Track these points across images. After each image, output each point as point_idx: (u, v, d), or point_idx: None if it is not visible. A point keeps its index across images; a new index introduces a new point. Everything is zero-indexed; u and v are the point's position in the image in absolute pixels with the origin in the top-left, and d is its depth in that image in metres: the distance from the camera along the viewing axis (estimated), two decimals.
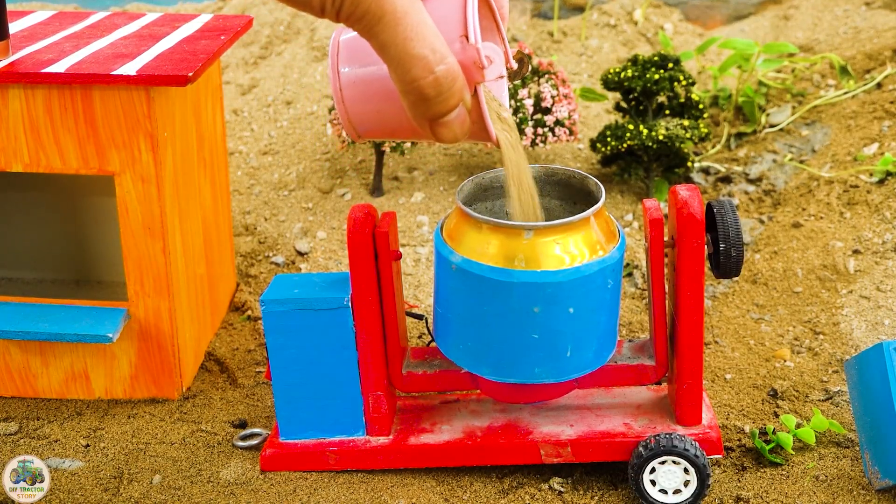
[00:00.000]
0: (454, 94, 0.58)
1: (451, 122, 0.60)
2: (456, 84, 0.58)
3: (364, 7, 0.53)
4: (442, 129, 0.60)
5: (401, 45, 0.55)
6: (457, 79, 0.58)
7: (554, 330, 0.79)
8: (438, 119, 0.59)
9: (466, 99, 0.60)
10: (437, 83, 0.57)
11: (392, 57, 0.56)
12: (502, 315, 0.79)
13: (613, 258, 0.80)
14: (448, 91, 0.58)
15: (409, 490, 0.88)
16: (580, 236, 0.78)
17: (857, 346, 1.05)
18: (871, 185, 1.28)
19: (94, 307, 0.99)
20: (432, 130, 0.60)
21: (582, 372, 0.83)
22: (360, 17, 0.54)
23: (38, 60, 0.92)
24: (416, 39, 0.55)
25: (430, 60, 0.56)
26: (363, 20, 0.54)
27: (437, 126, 0.60)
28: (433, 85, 0.57)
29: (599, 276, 0.79)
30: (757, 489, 0.87)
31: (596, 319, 0.81)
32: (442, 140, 0.61)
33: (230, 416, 1.00)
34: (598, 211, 0.80)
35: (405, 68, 0.56)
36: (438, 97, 0.58)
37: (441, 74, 0.57)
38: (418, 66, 0.56)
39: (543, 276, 0.77)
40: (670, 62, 1.39)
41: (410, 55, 0.55)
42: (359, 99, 0.66)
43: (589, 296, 0.79)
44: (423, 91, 0.57)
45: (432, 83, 0.57)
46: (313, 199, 1.42)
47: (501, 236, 0.78)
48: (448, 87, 0.57)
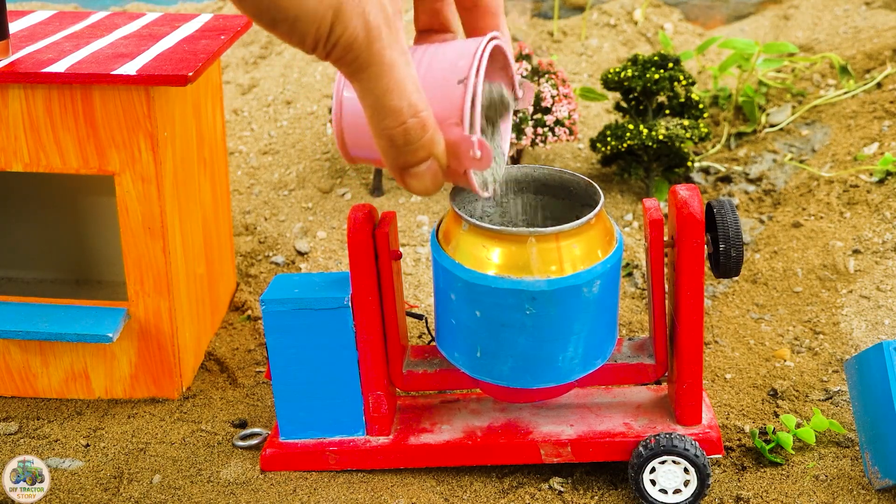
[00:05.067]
0: (423, 146, 0.60)
1: (421, 174, 0.61)
2: (425, 136, 0.60)
3: (354, 54, 0.55)
4: (412, 179, 0.62)
5: (380, 95, 0.57)
6: (427, 131, 0.59)
7: (553, 335, 0.79)
8: (408, 169, 0.61)
9: (438, 153, 0.61)
10: (406, 133, 0.59)
11: (369, 104, 0.58)
12: (497, 320, 0.79)
13: (610, 262, 0.80)
14: (417, 142, 0.59)
15: (409, 490, 0.88)
16: (578, 241, 0.78)
17: (857, 346, 1.05)
18: (871, 184, 1.28)
19: (94, 307, 0.99)
20: (402, 180, 0.62)
21: (584, 372, 0.82)
22: (350, 62, 0.56)
23: (38, 60, 0.92)
24: (395, 92, 0.57)
25: (403, 112, 0.58)
26: (351, 66, 0.56)
27: (407, 176, 0.62)
28: (402, 134, 0.59)
29: (596, 281, 0.79)
30: (757, 489, 0.87)
31: (596, 321, 0.81)
32: (411, 190, 0.63)
33: (230, 415, 1.00)
34: (596, 215, 0.79)
35: (379, 117, 0.58)
36: (406, 147, 0.59)
37: (411, 125, 0.59)
38: (391, 117, 0.58)
39: (537, 284, 0.77)
40: (670, 62, 1.39)
41: (386, 106, 0.58)
42: (355, 123, 0.68)
43: (585, 300, 0.79)
44: (393, 139, 0.59)
45: (402, 133, 0.59)
46: (313, 198, 1.42)
47: (498, 242, 0.78)
48: (417, 139, 0.59)
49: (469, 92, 0.64)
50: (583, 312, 0.79)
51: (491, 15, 0.70)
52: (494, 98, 0.73)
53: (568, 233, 0.77)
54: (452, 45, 0.67)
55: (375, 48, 0.55)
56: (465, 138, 0.63)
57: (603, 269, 0.78)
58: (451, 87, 0.64)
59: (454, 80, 0.64)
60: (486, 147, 0.63)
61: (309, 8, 0.52)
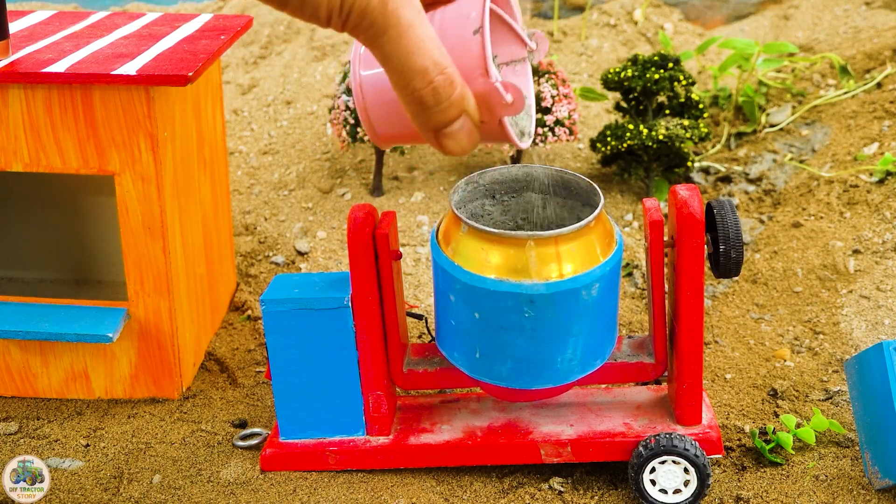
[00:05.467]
0: (453, 103, 0.59)
1: (455, 134, 0.60)
2: (455, 93, 0.58)
3: (370, 19, 0.54)
4: (447, 140, 0.60)
5: (403, 57, 0.56)
6: (455, 87, 0.58)
7: (551, 337, 0.79)
8: (442, 129, 0.60)
9: (470, 108, 0.60)
10: (436, 92, 0.57)
11: (394, 68, 0.56)
12: (495, 322, 0.79)
13: (610, 264, 0.79)
14: (447, 100, 0.58)
15: (409, 490, 0.88)
16: (577, 244, 0.78)
17: (857, 346, 1.05)
18: (871, 184, 1.28)
19: (94, 307, 0.99)
20: (438, 142, 0.60)
21: (583, 373, 0.82)
22: (366, 28, 0.54)
23: (38, 60, 0.92)
24: (417, 52, 0.56)
25: (429, 71, 0.57)
26: (369, 31, 0.55)
27: (441, 137, 0.60)
28: (432, 94, 0.57)
29: (595, 284, 0.79)
30: (757, 489, 0.87)
31: (595, 323, 0.81)
32: (448, 152, 0.61)
33: (230, 415, 1.00)
34: (596, 217, 0.79)
35: (406, 79, 0.57)
36: (437, 106, 0.58)
37: (439, 83, 0.57)
38: (418, 77, 0.57)
39: (535, 287, 0.77)
40: (670, 62, 1.39)
41: (411, 67, 0.56)
42: (378, 102, 0.67)
43: (584, 303, 0.79)
44: (423, 100, 0.57)
45: (431, 92, 0.57)
46: (313, 198, 1.42)
47: (497, 245, 0.78)
48: (447, 97, 0.58)
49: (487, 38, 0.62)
50: (582, 315, 0.79)
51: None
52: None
53: (567, 236, 0.77)
54: (460, 2, 0.66)
55: (391, 9, 0.54)
56: (493, 86, 0.61)
57: (602, 272, 0.78)
58: (469, 40, 0.63)
59: (470, 32, 0.63)
60: (515, 88, 0.61)
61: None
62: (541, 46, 0.74)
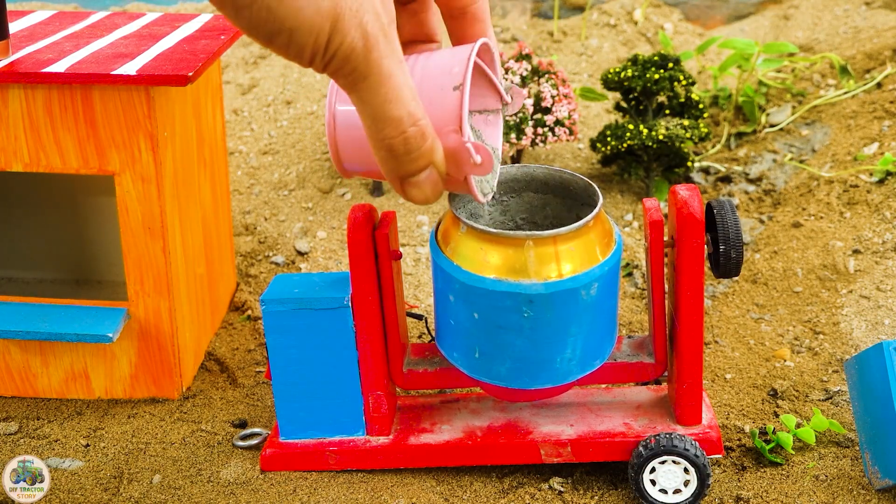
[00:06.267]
0: (423, 154, 0.59)
1: (421, 183, 0.61)
2: (425, 144, 0.59)
3: (353, 65, 0.54)
4: (411, 188, 0.61)
5: (379, 105, 0.57)
6: (426, 139, 0.59)
7: (550, 337, 0.79)
8: (408, 178, 0.61)
9: (437, 161, 0.61)
10: (407, 142, 0.58)
11: (369, 114, 0.57)
12: (494, 322, 0.79)
13: (609, 263, 0.79)
14: (416, 151, 0.59)
15: (409, 490, 0.88)
16: (576, 243, 0.78)
17: (857, 346, 1.05)
18: (871, 184, 1.28)
19: (94, 307, 0.99)
20: (402, 189, 0.62)
21: (582, 373, 0.82)
22: (348, 73, 0.55)
23: (38, 60, 0.92)
24: (394, 102, 0.57)
25: (403, 121, 0.58)
26: (349, 77, 0.55)
27: (406, 185, 0.61)
28: (403, 143, 0.58)
29: (594, 283, 0.79)
30: (757, 489, 0.87)
31: (594, 323, 0.81)
32: (411, 199, 0.62)
33: (230, 415, 1.00)
34: (595, 217, 0.79)
35: (379, 126, 0.58)
36: (407, 156, 0.59)
37: (411, 134, 0.58)
38: (391, 126, 0.58)
39: (534, 287, 0.77)
40: (670, 62, 1.39)
41: (386, 115, 0.57)
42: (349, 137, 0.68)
43: (583, 303, 0.79)
44: (393, 148, 0.58)
45: (402, 142, 0.58)
46: (313, 198, 1.42)
47: (496, 245, 0.78)
48: (417, 147, 0.59)
49: (466, 98, 0.64)
50: (581, 315, 0.79)
51: (479, 22, 0.69)
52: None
53: (565, 236, 0.77)
54: (443, 53, 0.67)
55: (373, 57, 0.55)
56: (464, 146, 0.63)
57: (601, 272, 0.78)
58: (448, 94, 0.64)
59: (450, 87, 0.64)
60: (485, 151, 0.63)
61: (306, 19, 0.51)
62: (516, 101, 0.75)
